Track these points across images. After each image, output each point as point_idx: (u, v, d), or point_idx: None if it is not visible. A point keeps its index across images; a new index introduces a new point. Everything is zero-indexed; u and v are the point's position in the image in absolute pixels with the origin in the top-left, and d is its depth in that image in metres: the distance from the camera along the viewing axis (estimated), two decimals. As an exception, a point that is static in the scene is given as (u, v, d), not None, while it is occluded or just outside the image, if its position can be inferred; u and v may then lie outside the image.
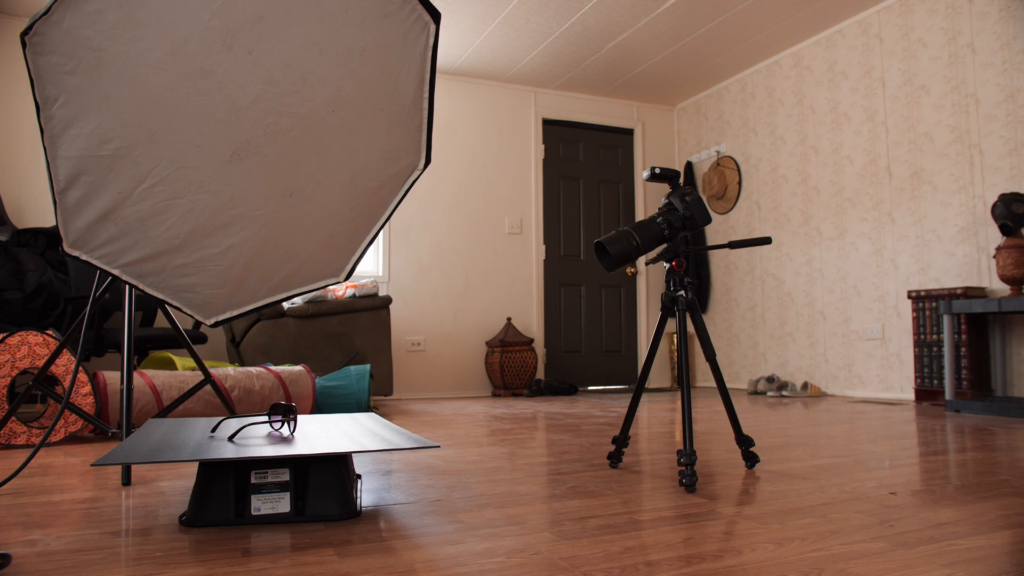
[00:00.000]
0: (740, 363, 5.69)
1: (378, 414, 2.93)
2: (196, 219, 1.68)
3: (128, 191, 1.59)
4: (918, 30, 4.34)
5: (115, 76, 1.50)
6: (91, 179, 1.55)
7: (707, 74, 5.74)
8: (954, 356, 3.73)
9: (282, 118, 1.69)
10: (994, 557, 1.13)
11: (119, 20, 1.46)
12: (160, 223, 1.65)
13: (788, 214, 5.28)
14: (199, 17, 1.52)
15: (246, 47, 1.59)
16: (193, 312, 1.78)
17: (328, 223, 1.85)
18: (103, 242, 1.60)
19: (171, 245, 1.68)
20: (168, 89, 1.55)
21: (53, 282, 3.72)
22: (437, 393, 5.41)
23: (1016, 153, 3.81)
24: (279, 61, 1.63)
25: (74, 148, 1.52)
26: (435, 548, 1.20)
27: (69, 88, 1.47)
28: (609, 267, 1.78)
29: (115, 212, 1.59)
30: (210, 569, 1.09)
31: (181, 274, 1.73)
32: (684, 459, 1.67)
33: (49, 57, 1.43)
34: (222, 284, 1.78)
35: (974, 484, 1.72)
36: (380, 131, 1.81)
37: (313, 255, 1.88)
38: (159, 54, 1.52)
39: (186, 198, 1.65)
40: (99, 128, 1.52)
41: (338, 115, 1.75)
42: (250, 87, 1.63)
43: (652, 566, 1.09)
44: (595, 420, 3.36)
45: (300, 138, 1.73)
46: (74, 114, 1.49)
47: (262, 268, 1.82)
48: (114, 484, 1.83)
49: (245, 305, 1.85)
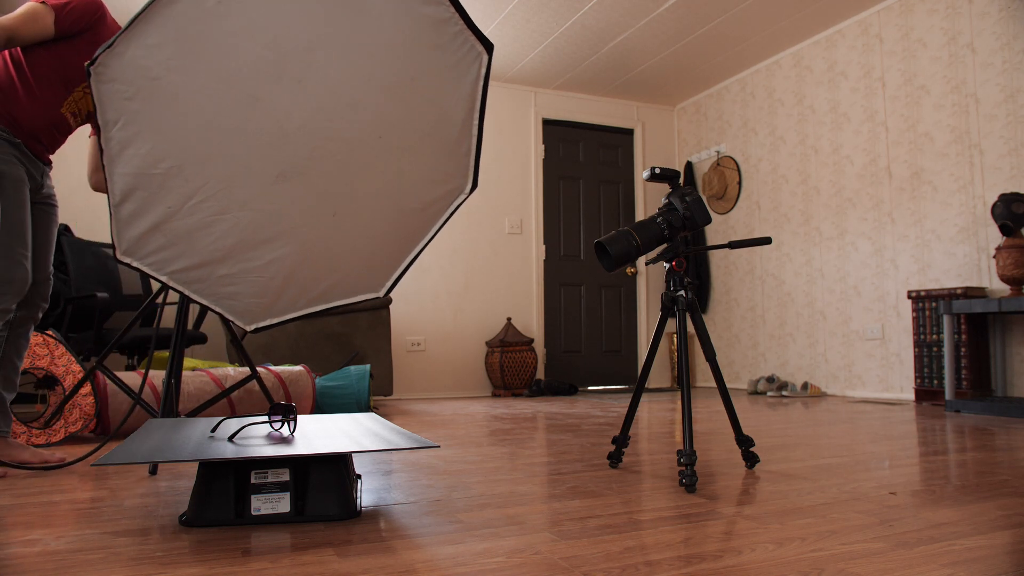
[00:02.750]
0: (740, 363, 5.69)
1: (378, 414, 2.93)
2: (240, 234, 1.79)
3: (177, 206, 1.71)
4: (918, 30, 4.34)
5: (170, 102, 1.61)
6: (144, 194, 1.67)
7: (707, 74, 5.74)
8: (954, 356, 3.73)
9: (328, 143, 1.77)
10: (994, 557, 1.13)
11: (176, 52, 1.57)
12: (206, 236, 1.76)
13: (788, 214, 5.28)
14: (251, 49, 1.61)
15: (296, 76, 1.68)
16: (234, 318, 1.88)
17: (370, 241, 1.93)
18: (152, 251, 1.73)
19: (215, 256, 1.79)
20: (219, 114, 1.66)
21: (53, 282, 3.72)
22: (437, 393, 5.41)
23: (1016, 153, 3.81)
24: (328, 89, 1.71)
25: (130, 166, 1.64)
26: (435, 548, 1.20)
27: (128, 112, 1.59)
28: (609, 267, 1.78)
29: (164, 224, 1.71)
30: (210, 569, 1.09)
31: (224, 283, 1.84)
32: (684, 459, 1.67)
33: (111, 84, 1.55)
34: (262, 294, 1.88)
35: (974, 484, 1.72)
36: (426, 155, 1.88)
37: (353, 271, 1.96)
38: (212, 82, 1.62)
39: (231, 214, 1.76)
40: (153, 149, 1.64)
41: (384, 140, 1.82)
42: (298, 113, 1.72)
43: (652, 566, 1.09)
44: (595, 420, 3.36)
45: (345, 161, 1.81)
46: (131, 136, 1.62)
47: (302, 281, 1.91)
48: (114, 484, 1.83)
49: (285, 314, 1.95)
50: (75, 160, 4.61)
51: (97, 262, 3.96)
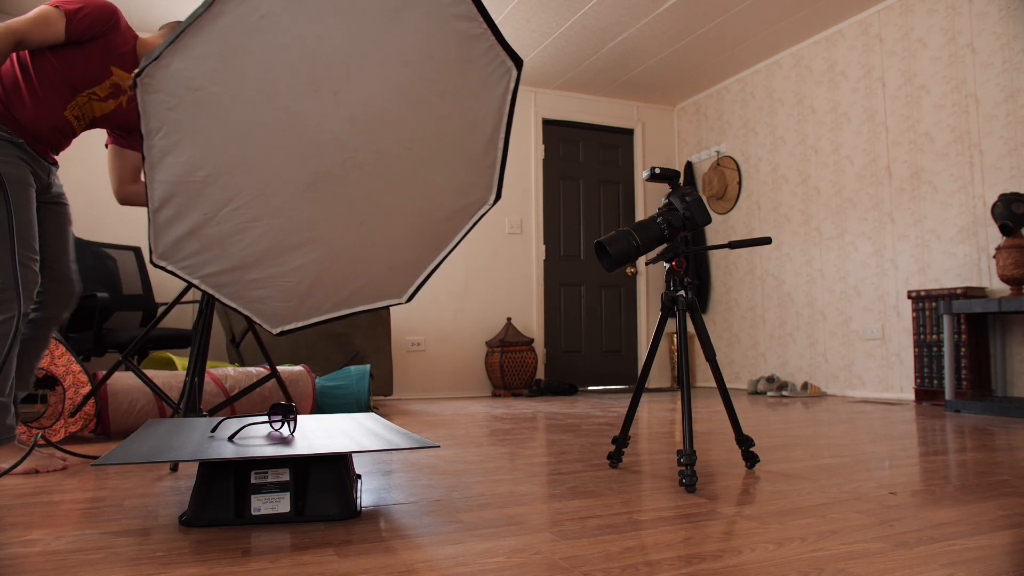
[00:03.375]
0: (740, 363, 5.69)
1: (378, 414, 2.93)
2: (271, 240, 1.85)
3: (213, 213, 1.77)
4: (918, 30, 4.34)
5: (210, 112, 1.67)
6: (181, 201, 1.73)
7: (707, 74, 5.74)
8: (954, 356, 3.73)
9: (359, 153, 1.82)
10: (994, 557, 1.13)
11: (218, 64, 1.63)
12: (238, 241, 1.82)
13: (788, 214, 5.28)
14: (289, 61, 1.67)
15: (332, 89, 1.73)
16: (262, 321, 1.93)
17: (394, 249, 1.99)
18: (186, 256, 1.79)
19: (246, 262, 1.85)
20: (256, 124, 1.71)
21: (53, 282, 3.72)
22: (437, 393, 5.41)
23: (1016, 153, 3.81)
24: (361, 101, 1.77)
25: (169, 174, 1.69)
26: (435, 548, 1.20)
27: (170, 122, 1.65)
28: (609, 267, 1.78)
29: (199, 230, 1.77)
30: (210, 569, 1.09)
31: (253, 287, 1.89)
32: (684, 459, 1.67)
33: (156, 95, 1.61)
34: (289, 298, 1.94)
35: (974, 484, 1.72)
36: (453, 167, 1.93)
37: (377, 277, 2.02)
38: (251, 93, 1.68)
39: (263, 221, 1.82)
40: (192, 157, 1.70)
41: (414, 152, 1.87)
42: (332, 124, 1.77)
43: (652, 566, 1.09)
44: (595, 420, 3.36)
45: (375, 172, 1.86)
46: (172, 144, 1.67)
47: (327, 286, 1.97)
48: (114, 484, 1.83)
49: (310, 318, 1.99)
50: (75, 162, 4.61)
51: (97, 262, 3.96)
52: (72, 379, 2.68)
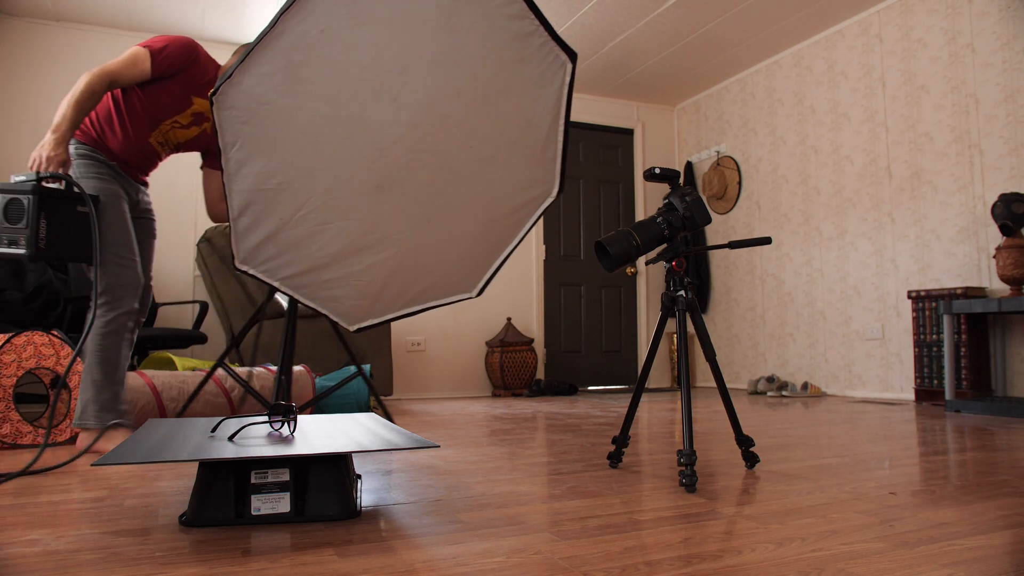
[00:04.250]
0: (740, 363, 5.69)
1: (378, 414, 2.93)
2: (343, 241, 1.93)
3: (287, 218, 1.86)
4: (918, 30, 4.34)
5: (280, 123, 1.77)
6: (258, 208, 1.83)
7: (707, 74, 5.74)
8: (954, 356, 3.73)
9: (421, 155, 1.89)
10: (994, 557, 1.13)
11: (285, 78, 1.73)
12: (312, 244, 1.91)
13: (788, 214, 5.28)
14: (351, 71, 1.75)
15: (392, 94, 1.80)
16: (338, 319, 2.01)
17: (461, 245, 2.06)
18: (265, 259, 1.88)
19: (321, 263, 1.93)
20: (323, 132, 1.80)
21: (53, 282, 3.72)
22: (437, 393, 5.41)
23: (1016, 153, 3.81)
24: (421, 105, 1.83)
25: (245, 183, 1.79)
26: (435, 548, 1.20)
27: (243, 135, 1.75)
28: (609, 267, 1.78)
29: (276, 235, 1.87)
30: (210, 569, 1.09)
31: (328, 287, 1.97)
32: (684, 459, 1.67)
33: (230, 111, 1.72)
34: (363, 296, 2.01)
35: (974, 484, 1.72)
36: (514, 163, 1.99)
37: (447, 273, 2.09)
38: (316, 104, 1.77)
39: (335, 224, 1.91)
40: (265, 167, 1.80)
41: (475, 151, 1.93)
42: (394, 129, 1.84)
43: (652, 566, 1.09)
44: (595, 420, 3.36)
45: (438, 171, 1.93)
46: (246, 156, 1.78)
47: (399, 284, 2.04)
48: (114, 484, 1.83)
49: (385, 314, 2.07)
50: (75, 160, 4.61)
51: (97, 262, 3.96)
52: (78, 379, 2.68)
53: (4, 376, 2.53)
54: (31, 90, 4.56)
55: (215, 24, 4.76)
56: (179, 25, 4.75)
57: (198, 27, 4.80)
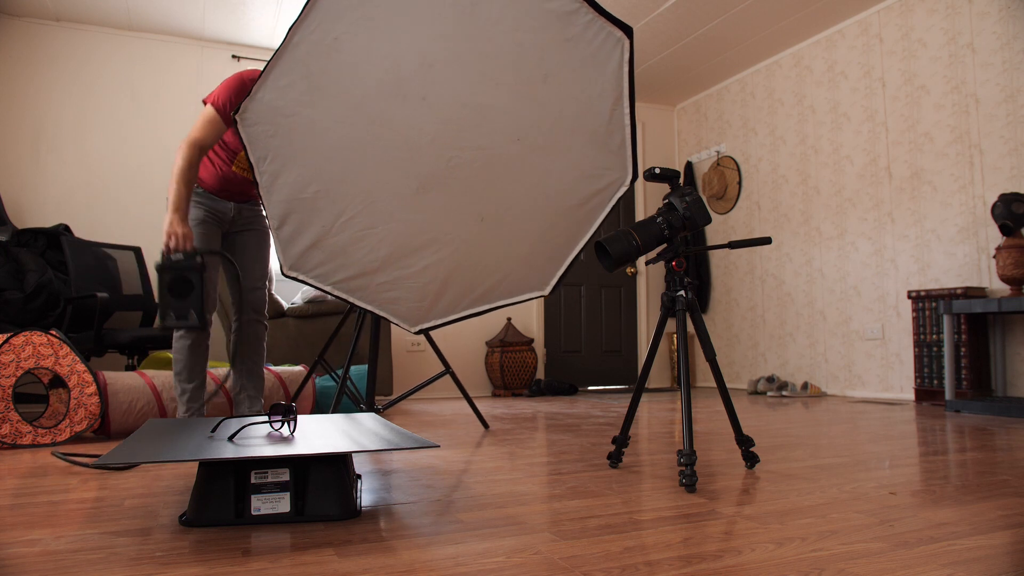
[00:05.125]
0: (740, 363, 5.69)
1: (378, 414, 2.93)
2: (391, 244, 1.93)
3: (330, 224, 1.87)
4: (918, 30, 4.34)
5: (306, 133, 1.78)
6: (299, 217, 1.85)
7: (707, 74, 5.74)
8: (954, 356, 3.73)
9: (463, 152, 1.87)
10: (994, 557, 1.13)
11: (305, 89, 1.73)
12: (359, 249, 1.91)
13: (788, 214, 5.28)
14: (372, 74, 1.75)
15: (419, 94, 1.79)
16: (399, 322, 2.01)
17: (524, 241, 2.02)
18: (314, 266, 1.90)
19: (372, 267, 1.94)
20: (351, 138, 1.80)
21: (53, 282, 3.72)
22: (437, 393, 5.41)
23: (1016, 153, 3.80)
24: (454, 101, 1.81)
25: (282, 194, 1.81)
26: (435, 548, 1.20)
27: (273, 148, 1.77)
28: (609, 267, 1.78)
29: (321, 242, 1.88)
30: (210, 569, 1.09)
31: (384, 290, 1.97)
32: (684, 459, 1.67)
33: (256, 127, 1.74)
34: (422, 298, 2.01)
35: (974, 484, 1.72)
36: (574, 152, 1.93)
37: (513, 271, 2.05)
38: (341, 111, 1.77)
39: (380, 227, 1.90)
40: (299, 176, 1.81)
41: (525, 142, 1.89)
42: (427, 128, 1.82)
43: (652, 566, 1.09)
44: (595, 420, 3.36)
45: (485, 168, 1.90)
46: (279, 168, 1.79)
47: (460, 284, 2.02)
48: (114, 484, 1.83)
49: (447, 316, 2.07)
50: (75, 163, 4.61)
51: (97, 262, 3.96)
52: (77, 379, 2.68)
53: (3, 376, 2.53)
54: (31, 90, 4.56)
55: (215, 24, 4.76)
56: (179, 25, 4.75)
57: (198, 27, 4.80)
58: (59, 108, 4.61)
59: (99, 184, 4.66)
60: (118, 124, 4.75)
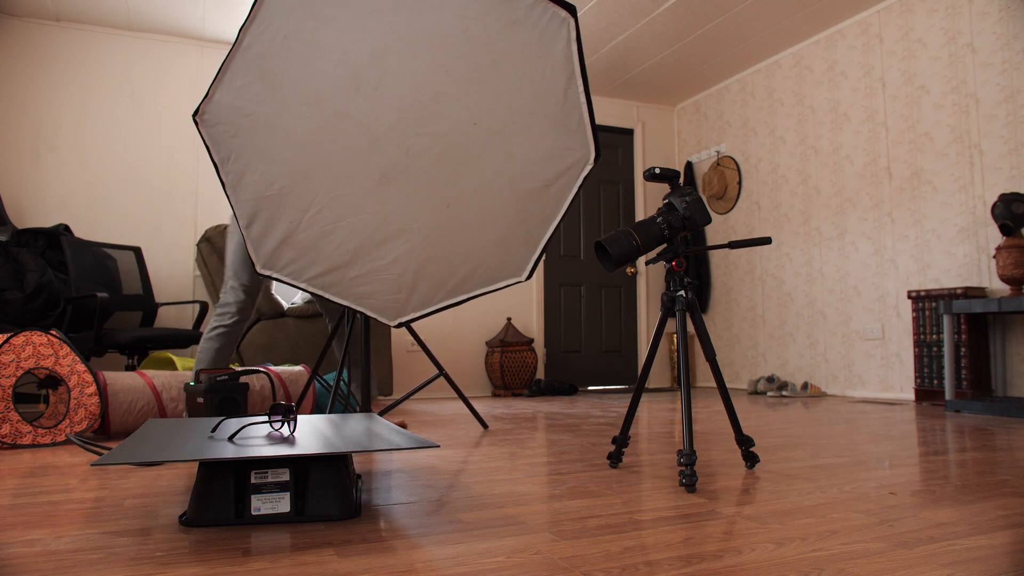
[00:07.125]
0: (740, 363, 5.69)
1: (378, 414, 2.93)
2: (360, 236, 1.94)
3: (297, 220, 1.88)
4: (918, 30, 4.34)
5: (267, 131, 1.80)
6: (267, 215, 1.86)
7: (707, 74, 5.74)
8: (954, 356, 3.73)
9: (421, 139, 1.88)
10: (994, 557, 1.13)
11: (262, 88, 1.75)
12: (329, 243, 1.92)
13: (788, 214, 5.28)
14: (325, 69, 1.77)
15: (372, 84, 1.82)
16: (376, 315, 1.99)
17: (494, 227, 2.03)
18: (287, 263, 1.91)
19: (343, 260, 1.94)
20: (311, 133, 1.82)
21: (53, 282, 3.72)
22: (437, 393, 5.41)
23: (1016, 153, 3.81)
24: (407, 89, 1.83)
25: (248, 193, 1.83)
26: (435, 548, 1.20)
27: (235, 148, 1.78)
28: (609, 267, 1.78)
29: (291, 238, 1.89)
30: (210, 569, 1.09)
31: (358, 284, 1.98)
32: (684, 459, 1.67)
33: (216, 127, 1.74)
34: (397, 290, 2.01)
35: (974, 484, 1.72)
36: (534, 133, 1.94)
37: (487, 258, 2.06)
38: (298, 107, 1.80)
39: (347, 220, 1.91)
40: (263, 174, 1.82)
41: (481, 126, 1.91)
42: (384, 117, 1.84)
43: (652, 566, 1.09)
44: (595, 420, 3.36)
45: (445, 154, 1.91)
46: (243, 167, 1.80)
47: (435, 273, 2.03)
48: (114, 484, 1.83)
49: (427, 307, 2.07)
50: (75, 163, 4.61)
51: (97, 262, 3.96)
52: (77, 379, 2.68)
53: (3, 376, 2.53)
54: (31, 90, 4.56)
55: (215, 24, 4.76)
56: (179, 25, 4.75)
57: (198, 27, 4.80)
58: (59, 108, 4.61)
59: (99, 184, 4.66)
60: (118, 124, 4.75)
